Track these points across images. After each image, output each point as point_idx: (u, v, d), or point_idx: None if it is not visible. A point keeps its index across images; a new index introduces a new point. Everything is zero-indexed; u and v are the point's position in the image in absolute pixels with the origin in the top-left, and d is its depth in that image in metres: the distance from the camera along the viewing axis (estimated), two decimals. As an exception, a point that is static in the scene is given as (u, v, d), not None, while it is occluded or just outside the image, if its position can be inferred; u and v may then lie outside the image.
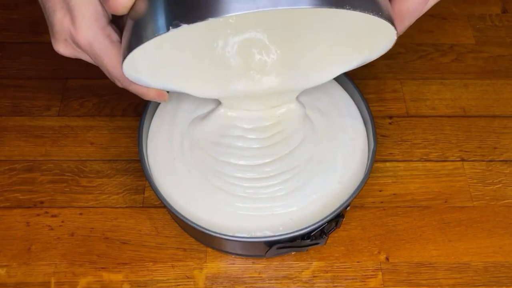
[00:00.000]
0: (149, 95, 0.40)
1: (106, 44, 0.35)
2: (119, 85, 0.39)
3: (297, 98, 0.48)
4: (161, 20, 0.30)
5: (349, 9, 0.29)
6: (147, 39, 0.31)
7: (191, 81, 0.42)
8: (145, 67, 0.38)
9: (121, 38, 0.35)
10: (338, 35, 0.40)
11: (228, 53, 0.41)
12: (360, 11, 0.29)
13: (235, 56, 0.42)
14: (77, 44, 0.36)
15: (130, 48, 0.32)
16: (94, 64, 0.38)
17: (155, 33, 0.30)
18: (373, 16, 0.30)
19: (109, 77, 0.38)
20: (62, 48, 0.37)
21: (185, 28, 0.28)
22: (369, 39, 0.38)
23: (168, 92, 0.42)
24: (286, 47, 0.42)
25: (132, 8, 0.32)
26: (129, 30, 0.33)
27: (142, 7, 0.31)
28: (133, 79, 0.37)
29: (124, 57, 0.33)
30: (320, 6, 0.28)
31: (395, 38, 0.35)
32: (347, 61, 0.42)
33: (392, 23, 0.32)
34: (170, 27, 0.29)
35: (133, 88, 0.39)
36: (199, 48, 0.40)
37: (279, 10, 0.28)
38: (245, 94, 0.45)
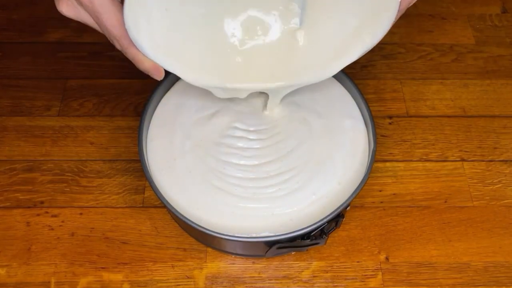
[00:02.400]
0: (144, 65, 0.39)
1: (106, 1, 0.36)
2: (118, 46, 0.39)
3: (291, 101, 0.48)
4: None
5: None
6: None
7: (189, 64, 0.41)
8: (146, 31, 0.37)
9: None
10: (343, 12, 0.40)
11: (230, 35, 0.41)
12: None
13: (237, 35, 0.41)
14: (78, 1, 0.36)
15: None
16: (95, 27, 0.38)
17: None
18: None
19: (108, 37, 0.38)
20: (65, 8, 0.37)
21: None
22: (373, 17, 0.38)
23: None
24: (289, 35, 0.42)
25: None
26: None
27: None
28: (132, 38, 0.37)
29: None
30: None
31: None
32: (349, 53, 0.41)
33: None
34: None
35: (130, 52, 0.39)
36: (202, 28, 0.40)
37: None
38: (240, 87, 0.44)
